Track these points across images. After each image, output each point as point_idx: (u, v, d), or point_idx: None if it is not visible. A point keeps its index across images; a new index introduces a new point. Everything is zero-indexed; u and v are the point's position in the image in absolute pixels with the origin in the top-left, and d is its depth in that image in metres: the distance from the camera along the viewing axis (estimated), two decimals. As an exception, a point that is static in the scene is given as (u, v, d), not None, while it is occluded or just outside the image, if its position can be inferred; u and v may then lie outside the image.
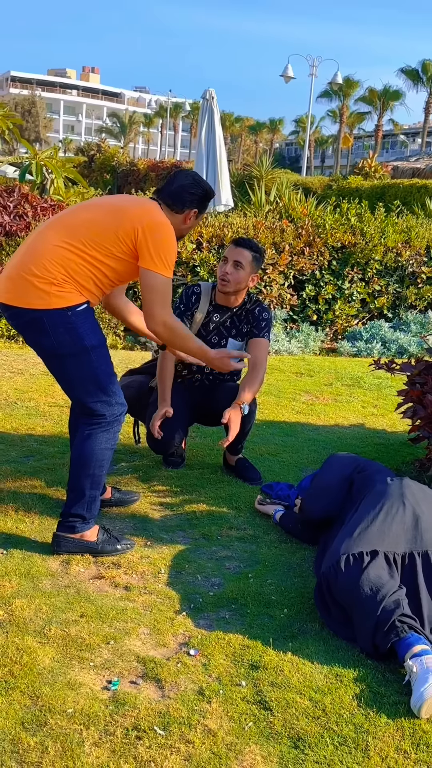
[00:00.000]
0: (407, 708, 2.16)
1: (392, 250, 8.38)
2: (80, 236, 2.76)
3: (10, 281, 2.76)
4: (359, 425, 5.01)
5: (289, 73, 29.72)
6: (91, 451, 2.91)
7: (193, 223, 3.10)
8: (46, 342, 2.77)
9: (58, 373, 2.89)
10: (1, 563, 2.83)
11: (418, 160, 26.39)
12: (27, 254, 2.76)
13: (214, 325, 3.83)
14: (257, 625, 2.57)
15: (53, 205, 7.45)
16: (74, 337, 2.76)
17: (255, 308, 3.84)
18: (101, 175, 30.51)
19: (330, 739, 2.04)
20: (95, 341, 2.81)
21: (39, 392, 5.14)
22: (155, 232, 2.80)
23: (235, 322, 3.84)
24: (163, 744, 1.98)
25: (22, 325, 2.80)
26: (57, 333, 2.74)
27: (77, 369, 2.82)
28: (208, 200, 3.11)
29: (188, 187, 3.02)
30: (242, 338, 3.85)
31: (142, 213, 2.83)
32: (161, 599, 2.71)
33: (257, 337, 3.79)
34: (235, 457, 3.95)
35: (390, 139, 70.16)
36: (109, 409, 2.89)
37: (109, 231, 2.78)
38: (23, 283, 2.72)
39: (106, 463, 2.97)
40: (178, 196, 3.00)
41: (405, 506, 2.73)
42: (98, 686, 2.20)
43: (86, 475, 2.92)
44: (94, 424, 2.91)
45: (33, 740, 1.95)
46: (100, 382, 2.84)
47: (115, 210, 2.85)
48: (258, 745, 2.00)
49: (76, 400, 2.93)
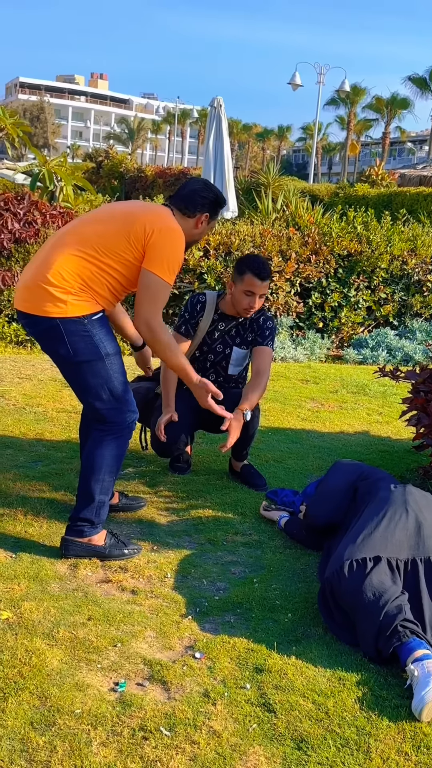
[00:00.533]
0: (409, 711, 2.20)
1: (398, 259, 8.42)
2: (93, 244, 2.82)
3: (27, 290, 2.83)
4: (364, 432, 5.05)
5: (296, 80, 29.83)
6: (102, 457, 2.96)
7: (205, 229, 3.14)
8: (63, 349, 2.83)
9: (73, 380, 2.94)
10: (11, 566, 2.88)
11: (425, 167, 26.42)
12: (43, 264, 2.82)
13: (219, 333, 3.89)
14: (262, 629, 2.62)
15: (62, 213, 7.52)
16: (89, 345, 2.82)
17: (259, 317, 3.89)
18: (109, 182, 30.62)
19: (332, 741, 2.08)
20: (110, 349, 2.87)
21: (47, 398, 5.19)
22: (165, 236, 2.85)
23: (239, 331, 3.89)
24: (169, 744, 2.02)
25: (39, 332, 2.86)
26: (73, 341, 2.80)
27: (91, 376, 2.87)
28: (220, 206, 3.15)
29: (199, 191, 3.08)
30: (247, 347, 3.90)
31: (154, 218, 2.88)
32: (167, 603, 2.75)
33: (261, 345, 3.84)
34: (241, 464, 3.99)
35: (397, 146, 70.28)
36: (121, 416, 2.94)
37: (120, 237, 2.84)
38: (40, 292, 2.78)
39: (116, 470, 3.02)
40: (190, 199, 3.06)
41: (408, 513, 2.77)
42: (105, 688, 2.24)
43: (96, 481, 2.97)
44: (106, 430, 2.96)
45: (42, 739, 2.00)
46: (113, 389, 2.90)
47: (126, 216, 2.90)
48: (262, 747, 2.04)
49: (89, 406, 2.98)
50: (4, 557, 2.96)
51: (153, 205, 3.03)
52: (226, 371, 3.92)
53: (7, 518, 3.29)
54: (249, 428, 3.67)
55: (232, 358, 3.90)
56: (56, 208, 7.63)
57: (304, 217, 9.13)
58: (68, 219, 7.48)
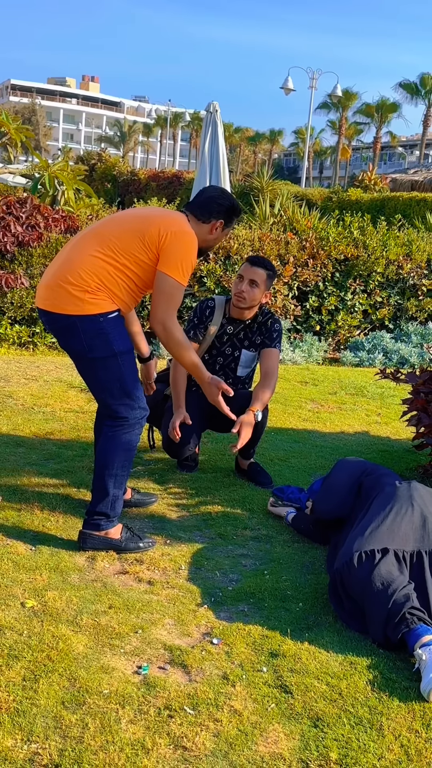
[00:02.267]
0: (417, 692, 2.33)
1: (394, 263, 8.57)
2: (110, 245, 2.96)
3: (48, 289, 2.97)
4: (364, 432, 5.19)
5: (289, 85, 30.05)
6: (114, 451, 3.09)
7: (219, 236, 3.25)
8: (78, 345, 2.97)
9: (87, 375, 3.08)
10: (32, 558, 3.00)
11: (417, 172, 26.61)
12: (64, 264, 2.96)
13: (228, 337, 4.02)
14: (275, 617, 2.74)
15: (64, 216, 7.63)
16: (104, 342, 2.95)
17: (267, 320, 4.02)
18: (102, 185, 30.70)
19: (347, 720, 2.20)
20: (123, 347, 3.00)
21: (54, 398, 5.30)
22: (179, 239, 2.97)
23: (248, 334, 4.02)
24: (194, 722, 2.14)
25: (57, 329, 3.01)
26: (88, 337, 2.94)
27: (104, 372, 3.01)
28: (236, 215, 3.26)
29: (216, 198, 3.20)
30: (255, 349, 4.03)
31: (170, 221, 3.01)
32: (183, 593, 2.87)
33: (269, 347, 3.97)
34: (247, 462, 4.12)
35: (388, 151, 70.65)
36: (132, 412, 3.07)
37: (136, 239, 2.96)
38: (60, 291, 2.92)
39: (128, 464, 3.14)
40: (206, 205, 3.18)
41: (413, 507, 2.90)
42: (129, 671, 2.36)
43: (110, 475, 3.09)
44: (117, 426, 3.08)
45: (74, 717, 2.11)
46: (124, 386, 3.03)
47: (143, 219, 3.03)
48: (280, 724, 2.17)
49: (101, 401, 3.12)
50: (25, 550, 3.07)
51: (170, 211, 3.16)
52: (234, 373, 4.05)
53: (25, 513, 3.40)
54: (258, 428, 3.80)
55: (241, 360, 4.03)
56: (58, 212, 7.74)
57: (301, 221, 9.28)
58: (70, 223, 7.59)
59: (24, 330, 7.26)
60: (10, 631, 2.49)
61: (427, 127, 53.45)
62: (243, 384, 4.10)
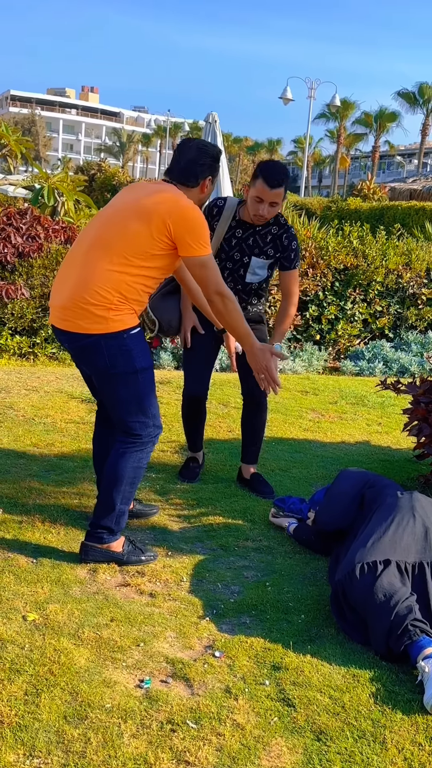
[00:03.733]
0: (420, 705, 2.32)
1: (393, 272, 8.59)
2: (121, 251, 2.89)
3: (66, 311, 2.92)
4: (365, 442, 5.19)
5: (287, 95, 30.18)
6: (125, 468, 3.08)
7: (211, 189, 3.19)
8: (101, 362, 2.95)
9: (106, 391, 3.06)
10: (33, 571, 2.99)
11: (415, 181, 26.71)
12: (79, 284, 2.90)
13: (236, 241, 3.83)
14: (277, 629, 2.73)
15: (64, 227, 7.65)
16: (127, 359, 2.94)
17: (282, 234, 3.82)
18: (102, 195, 30.80)
19: (350, 733, 2.19)
20: (145, 364, 3.00)
21: (55, 409, 5.31)
22: (186, 221, 2.91)
23: (257, 241, 3.82)
24: (196, 736, 2.14)
25: (79, 348, 2.97)
26: (112, 354, 2.93)
27: (124, 388, 3.00)
28: (218, 162, 3.17)
29: (196, 160, 3.10)
30: (266, 258, 3.84)
31: (169, 208, 2.91)
32: (185, 605, 2.87)
33: (288, 269, 3.85)
34: (251, 469, 4.13)
35: (386, 159, 70.87)
36: (146, 430, 3.07)
37: (143, 235, 2.90)
38: (81, 312, 2.88)
39: (137, 481, 3.14)
40: (189, 171, 3.09)
41: (415, 518, 2.90)
42: (132, 684, 2.36)
43: (117, 491, 3.09)
44: (130, 442, 3.08)
45: (76, 732, 2.11)
46: (141, 403, 3.03)
47: (140, 212, 2.92)
48: (283, 738, 2.16)
49: (116, 417, 3.09)
50: (26, 562, 3.07)
51: (159, 190, 3.00)
52: (243, 279, 3.89)
53: (26, 525, 3.40)
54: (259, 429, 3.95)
55: (250, 267, 3.85)
56: (58, 223, 7.77)
57: (300, 231, 9.30)
58: (70, 233, 7.61)
59: (24, 341, 7.27)
60: (11, 645, 2.48)
61: (425, 136, 53.68)
62: (256, 294, 3.96)
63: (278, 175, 3.61)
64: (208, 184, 3.15)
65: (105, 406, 3.15)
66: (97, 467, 3.42)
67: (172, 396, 5.97)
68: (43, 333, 7.34)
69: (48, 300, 7.31)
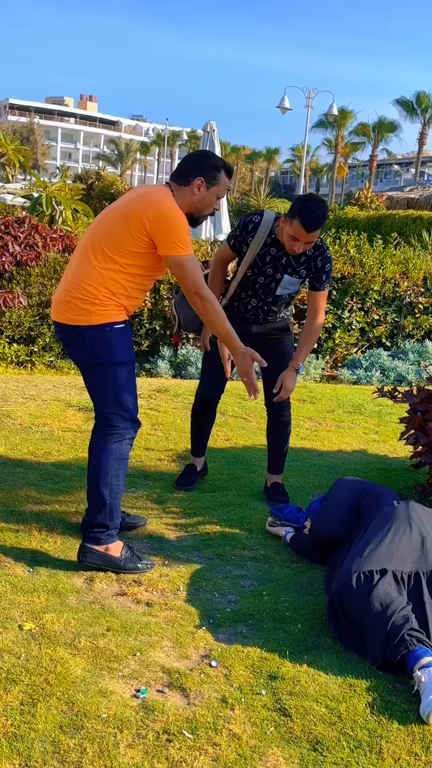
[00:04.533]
0: (417, 715, 2.32)
1: (390, 281, 8.61)
2: (105, 249, 3.02)
3: (60, 304, 3.11)
4: (362, 451, 5.19)
5: (285, 104, 30.23)
6: (106, 459, 3.13)
7: (205, 195, 3.11)
8: (83, 352, 3.09)
9: (88, 382, 3.18)
10: (29, 580, 2.99)
11: (413, 190, 26.78)
12: (71, 280, 3.08)
13: (270, 257, 3.78)
14: (273, 639, 2.73)
15: (62, 236, 7.67)
16: (107, 350, 3.05)
17: (318, 257, 3.79)
18: (100, 203, 30.77)
19: (346, 743, 2.19)
20: (124, 358, 3.09)
21: (52, 417, 5.31)
22: (161, 220, 2.95)
23: (291, 261, 3.79)
24: (192, 746, 2.13)
25: (67, 338, 3.14)
26: (93, 345, 3.06)
27: (102, 379, 3.10)
28: (216, 170, 3.12)
29: (191, 159, 3.16)
30: (299, 276, 3.83)
31: (147, 206, 2.97)
32: (182, 615, 2.87)
33: (318, 290, 3.85)
34: (272, 480, 4.19)
35: (384, 168, 71.11)
36: (123, 422, 3.14)
37: (124, 233, 3.00)
38: (69, 305, 3.06)
39: (122, 474, 3.18)
40: (182, 169, 3.13)
41: (412, 528, 2.90)
42: (128, 694, 2.35)
43: (104, 484, 3.13)
44: (107, 434, 3.15)
45: (72, 742, 2.10)
46: (119, 395, 3.11)
47: (123, 211, 3.03)
48: (280, 748, 2.16)
49: (96, 408, 3.19)
50: (23, 571, 3.06)
51: (148, 189, 3.10)
52: (274, 293, 3.87)
53: (23, 534, 3.40)
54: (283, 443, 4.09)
55: (282, 283, 3.84)
56: (56, 232, 7.78)
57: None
58: (68, 242, 7.63)
59: (22, 349, 7.28)
60: (7, 655, 2.48)
61: (422, 145, 53.89)
62: (283, 304, 3.94)
63: (316, 219, 3.52)
64: (200, 185, 3.09)
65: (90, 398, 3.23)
66: None
67: (170, 404, 5.97)
68: (40, 341, 7.34)
69: (45, 308, 7.33)
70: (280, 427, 4.15)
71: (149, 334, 7.68)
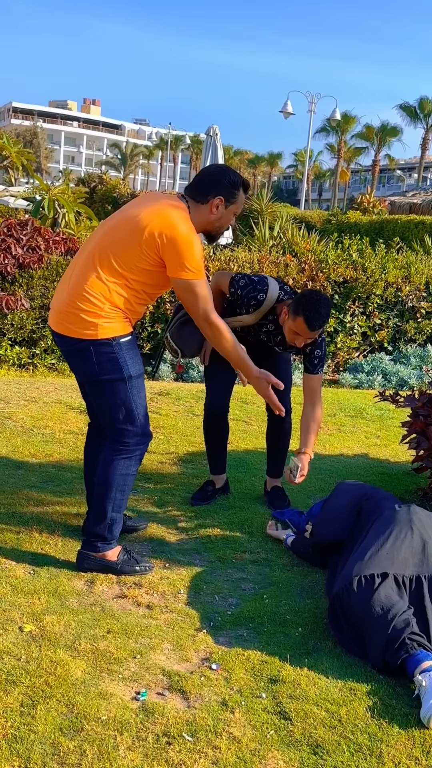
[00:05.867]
0: (417, 719, 2.31)
1: (392, 286, 8.61)
2: (113, 262, 2.90)
3: (60, 314, 2.98)
4: (363, 455, 5.19)
5: (288, 109, 30.29)
6: (114, 475, 3.09)
7: (223, 213, 3.03)
8: (90, 368, 2.98)
9: (96, 397, 3.09)
10: (30, 582, 2.99)
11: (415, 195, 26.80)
12: (73, 289, 2.94)
13: (266, 331, 3.80)
14: (274, 642, 2.73)
15: (65, 239, 7.68)
16: (115, 366, 2.96)
17: (306, 346, 3.75)
18: (103, 207, 30.87)
19: (346, 747, 2.19)
20: (133, 372, 3.01)
21: (53, 420, 5.31)
22: (175, 243, 2.85)
23: (284, 341, 3.78)
24: (192, 749, 2.13)
25: (70, 351, 3.02)
26: (100, 360, 2.95)
27: (111, 395, 3.01)
28: (236, 188, 3.04)
29: (210, 175, 3.03)
30: (293, 354, 3.82)
31: (161, 224, 2.86)
32: (182, 617, 2.86)
33: (312, 373, 3.80)
34: (272, 484, 4.17)
35: (386, 173, 71.16)
36: (134, 438, 3.08)
37: (134, 248, 2.89)
38: (72, 317, 2.93)
39: (128, 489, 3.14)
40: (200, 186, 3.02)
41: (413, 531, 2.90)
42: (128, 696, 2.35)
43: (108, 498, 3.10)
44: (118, 450, 3.09)
45: (72, 744, 2.10)
46: (130, 411, 3.04)
47: (134, 224, 2.90)
48: (280, 752, 2.15)
49: (105, 423, 3.11)
50: (23, 573, 3.06)
51: (162, 208, 2.93)
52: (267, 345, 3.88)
53: (23, 536, 3.40)
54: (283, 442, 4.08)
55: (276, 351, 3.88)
56: (59, 234, 7.79)
57: (300, 244, 9.33)
58: (71, 245, 7.64)
59: (24, 351, 7.28)
60: (8, 656, 2.48)
61: (425, 150, 53.94)
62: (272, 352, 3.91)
63: (320, 320, 3.52)
64: (219, 205, 3.00)
65: (95, 413, 3.16)
66: (87, 480, 3.43)
67: (171, 407, 5.97)
68: (42, 344, 7.35)
69: (48, 311, 7.33)
70: (281, 434, 4.14)
71: (151, 337, 7.68)
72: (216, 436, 4.08)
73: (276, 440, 4.15)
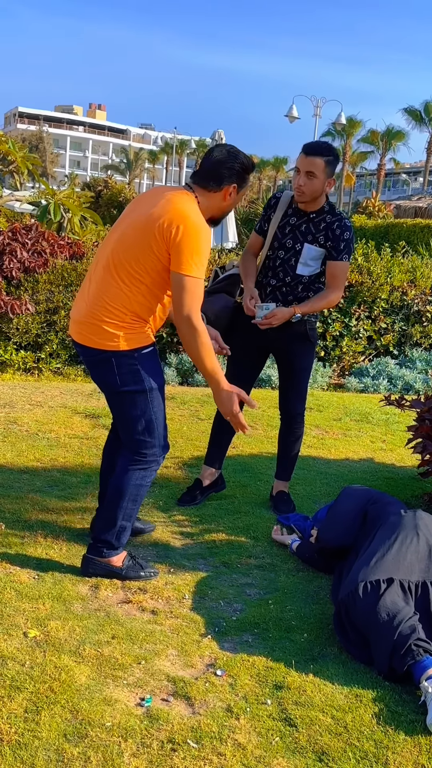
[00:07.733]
0: (423, 726, 2.30)
1: (398, 290, 8.59)
2: (129, 269, 2.87)
3: (81, 325, 2.97)
4: (369, 459, 5.17)
5: (293, 113, 30.30)
6: (128, 485, 3.08)
7: (235, 200, 3.04)
8: (111, 379, 2.98)
9: (115, 408, 3.09)
10: (35, 587, 2.98)
11: (421, 199, 26.79)
12: (94, 300, 2.92)
13: (290, 228, 3.80)
14: (279, 648, 2.71)
15: (70, 243, 7.68)
16: (136, 378, 2.96)
17: (334, 223, 3.74)
18: (108, 211, 30.94)
19: (352, 754, 2.17)
20: (154, 384, 3.00)
21: (59, 424, 5.30)
22: (186, 236, 2.80)
23: (311, 228, 3.77)
24: (197, 756, 2.12)
25: (93, 362, 3.01)
26: (122, 372, 2.95)
27: (131, 406, 3.01)
28: (248, 173, 3.03)
29: (224, 162, 2.96)
30: (319, 246, 3.77)
31: (172, 216, 2.81)
32: (187, 623, 2.85)
33: (336, 260, 3.75)
34: (278, 488, 4.15)
35: (392, 177, 71.10)
36: (151, 450, 3.07)
37: (146, 253, 2.85)
38: (94, 328, 2.92)
39: (140, 499, 3.14)
40: (214, 172, 2.96)
41: (419, 537, 2.89)
42: (132, 702, 2.34)
43: (119, 507, 3.09)
44: (135, 461, 3.08)
45: (76, 750, 2.09)
46: (149, 422, 3.03)
47: (146, 224, 2.85)
48: (285, 759, 2.14)
49: (124, 434, 3.10)
50: (28, 578, 3.05)
51: (170, 201, 2.87)
52: (294, 270, 3.80)
53: (28, 541, 3.39)
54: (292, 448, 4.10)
55: (302, 255, 3.78)
56: (64, 239, 7.80)
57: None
58: (76, 249, 7.64)
59: (29, 356, 7.28)
60: (12, 662, 2.47)
61: (430, 154, 53.85)
62: (304, 288, 3.83)
63: (315, 144, 3.70)
64: (232, 192, 2.99)
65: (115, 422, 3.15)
66: (102, 480, 3.44)
67: (176, 412, 5.97)
68: (47, 348, 7.35)
69: (53, 315, 7.34)
70: (293, 437, 4.15)
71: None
72: (226, 427, 4.03)
73: (287, 442, 4.15)
